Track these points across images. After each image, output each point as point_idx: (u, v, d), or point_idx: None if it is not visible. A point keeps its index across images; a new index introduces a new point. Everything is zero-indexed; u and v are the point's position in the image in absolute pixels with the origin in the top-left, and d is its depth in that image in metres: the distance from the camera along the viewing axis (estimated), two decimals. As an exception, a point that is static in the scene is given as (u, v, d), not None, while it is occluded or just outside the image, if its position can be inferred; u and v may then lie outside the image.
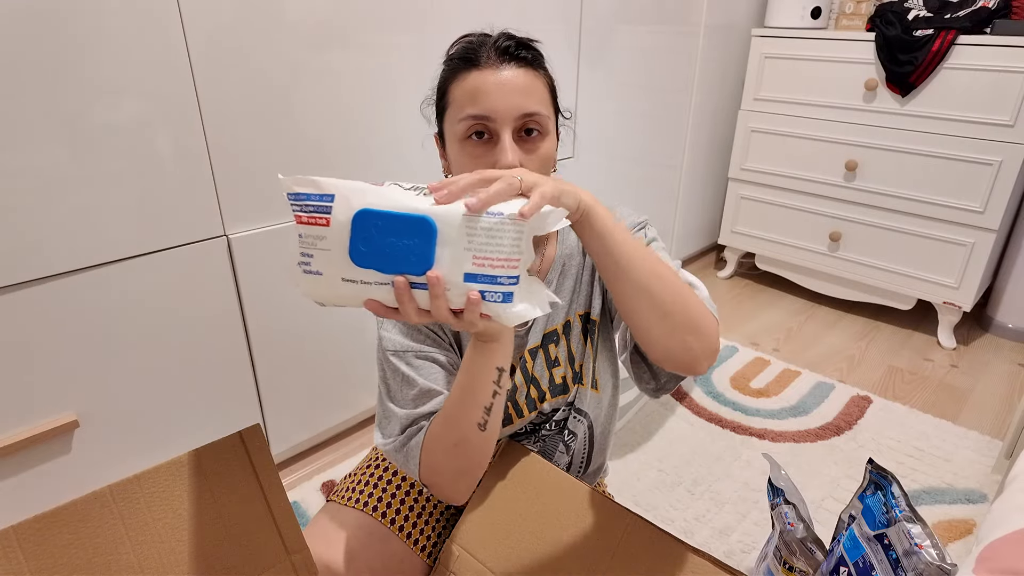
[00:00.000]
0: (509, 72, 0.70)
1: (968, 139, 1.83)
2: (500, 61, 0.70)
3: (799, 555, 0.93)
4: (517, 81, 0.70)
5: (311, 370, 1.38)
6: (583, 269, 0.86)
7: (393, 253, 0.55)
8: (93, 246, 1.02)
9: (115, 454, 1.14)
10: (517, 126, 0.70)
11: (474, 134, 0.70)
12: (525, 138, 0.71)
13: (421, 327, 0.78)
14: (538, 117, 0.71)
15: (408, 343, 0.77)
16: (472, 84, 0.70)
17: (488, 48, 0.71)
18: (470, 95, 0.70)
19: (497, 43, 0.71)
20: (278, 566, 0.68)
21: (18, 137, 0.91)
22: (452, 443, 0.70)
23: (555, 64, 0.76)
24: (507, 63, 0.70)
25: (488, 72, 0.70)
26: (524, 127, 0.71)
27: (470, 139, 0.71)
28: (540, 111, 0.71)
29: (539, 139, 0.72)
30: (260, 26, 1.10)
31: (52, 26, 0.90)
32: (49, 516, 0.58)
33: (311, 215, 0.59)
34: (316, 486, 1.40)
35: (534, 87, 0.71)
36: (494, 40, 0.72)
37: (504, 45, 0.71)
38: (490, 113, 0.69)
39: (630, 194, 2.14)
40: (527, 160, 0.70)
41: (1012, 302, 2.07)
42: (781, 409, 1.70)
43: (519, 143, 0.71)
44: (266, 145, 1.17)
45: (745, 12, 2.29)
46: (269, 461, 0.71)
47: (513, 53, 0.71)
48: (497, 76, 0.69)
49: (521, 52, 0.72)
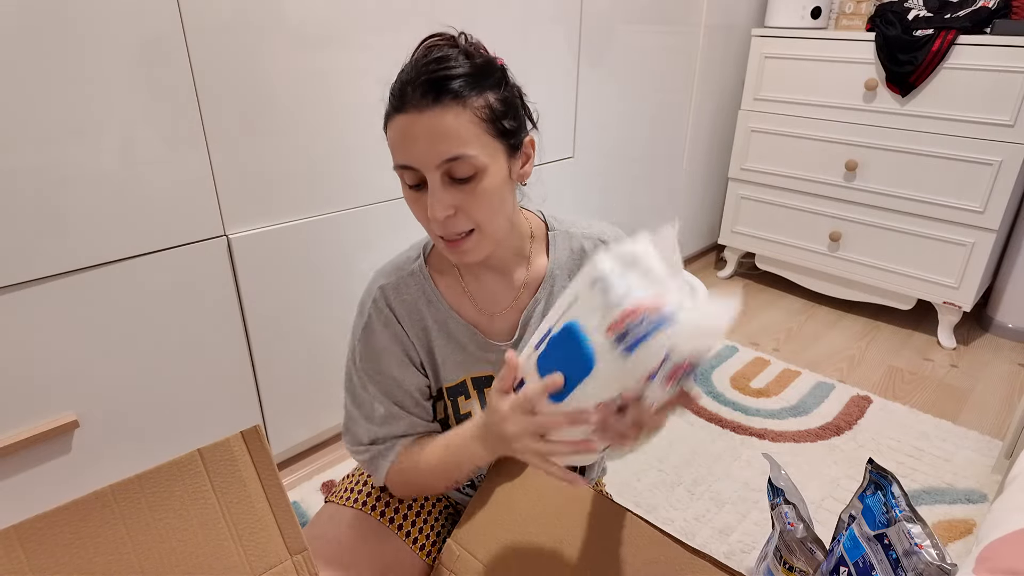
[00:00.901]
0: (429, 115, 0.64)
1: (968, 139, 1.83)
2: (423, 101, 0.64)
3: (799, 555, 0.93)
4: (437, 126, 0.64)
5: (311, 370, 1.38)
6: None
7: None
8: (93, 246, 1.02)
9: (115, 454, 1.14)
10: (444, 171, 0.66)
11: (407, 180, 0.69)
12: (458, 182, 0.67)
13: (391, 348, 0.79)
14: (465, 159, 0.65)
15: (379, 365, 0.79)
16: (396, 131, 0.67)
17: (412, 85, 0.65)
18: (395, 142, 0.67)
19: (423, 77, 0.65)
20: (279, 566, 0.68)
21: (18, 137, 0.91)
22: (421, 485, 0.80)
23: (555, 64, 0.75)
24: (429, 102, 0.64)
25: (410, 117, 0.65)
26: (451, 171, 0.66)
27: (406, 185, 0.70)
28: (466, 152, 0.65)
29: (475, 180, 0.67)
30: (261, 26, 1.10)
31: (52, 24, 0.90)
32: (50, 515, 0.58)
33: None
34: (316, 486, 1.40)
35: (458, 125, 0.64)
36: (420, 70, 0.65)
37: (428, 79, 0.64)
38: (412, 163, 0.66)
39: (630, 194, 2.14)
40: (464, 202, 0.67)
41: (1012, 302, 2.07)
42: (781, 409, 1.70)
43: (452, 186, 0.67)
44: (266, 145, 1.17)
45: (745, 12, 2.29)
46: (270, 461, 0.71)
47: (439, 87, 0.64)
48: (417, 122, 0.64)
49: (448, 85, 0.64)
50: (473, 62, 0.67)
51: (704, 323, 0.55)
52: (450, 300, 0.80)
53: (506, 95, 0.69)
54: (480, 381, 0.81)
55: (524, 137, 0.73)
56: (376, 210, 1.38)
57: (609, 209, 2.07)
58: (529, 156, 0.75)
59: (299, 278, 1.30)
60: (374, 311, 0.78)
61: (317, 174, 1.26)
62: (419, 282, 0.79)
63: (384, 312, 0.78)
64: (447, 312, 0.79)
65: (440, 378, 0.82)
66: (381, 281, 0.79)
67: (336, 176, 1.30)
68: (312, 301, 1.33)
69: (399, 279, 0.79)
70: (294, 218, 1.26)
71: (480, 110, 0.66)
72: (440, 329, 0.80)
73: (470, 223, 0.69)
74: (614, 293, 0.55)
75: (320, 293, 1.34)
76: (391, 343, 0.79)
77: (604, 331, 0.56)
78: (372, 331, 0.79)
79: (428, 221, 0.70)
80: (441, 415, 0.83)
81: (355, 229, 1.36)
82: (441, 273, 0.80)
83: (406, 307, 0.79)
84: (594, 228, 0.85)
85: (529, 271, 0.81)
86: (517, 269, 0.81)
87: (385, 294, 0.78)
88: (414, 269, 0.80)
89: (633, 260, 0.57)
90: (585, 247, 0.83)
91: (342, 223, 1.33)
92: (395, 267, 0.81)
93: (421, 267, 0.80)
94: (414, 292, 0.79)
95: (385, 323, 0.78)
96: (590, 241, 0.83)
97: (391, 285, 0.79)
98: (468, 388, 0.81)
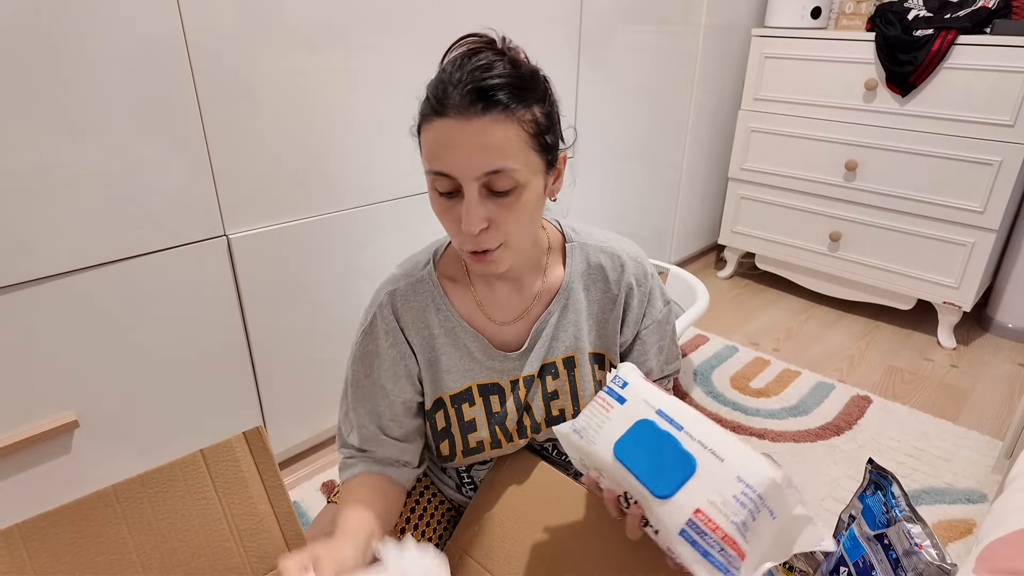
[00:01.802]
0: (475, 124, 0.61)
1: (968, 139, 1.83)
2: (469, 109, 0.61)
3: (799, 555, 0.94)
4: (483, 137, 0.61)
5: (311, 370, 1.38)
6: (592, 304, 0.82)
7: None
8: (93, 246, 1.02)
9: (115, 454, 1.14)
10: (483, 183, 0.64)
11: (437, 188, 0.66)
12: (494, 195, 0.65)
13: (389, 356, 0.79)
14: (507, 172, 0.63)
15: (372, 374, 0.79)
16: (435, 136, 0.63)
17: (458, 89, 0.61)
18: (432, 148, 0.64)
19: (470, 82, 0.61)
20: (280, 566, 0.68)
21: (18, 137, 0.91)
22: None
23: (555, 64, 0.73)
24: (475, 111, 0.61)
25: (452, 123, 0.62)
26: (492, 185, 0.64)
27: (437, 192, 0.67)
28: (508, 166, 0.63)
29: (514, 195, 0.65)
30: (261, 26, 1.10)
31: (51, 25, 0.90)
32: (53, 515, 0.58)
33: None
34: (316, 486, 1.40)
35: (504, 139, 0.62)
36: (468, 75, 0.62)
37: (477, 86, 0.61)
38: (450, 171, 0.63)
39: (630, 194, 2.14)
40: (498, 216, 0.65)
41: (1012, 302, 2.07)
42: (781, 409, 1.70)
43: (488, 199, 0.65)
44: (266, 145, 1.17)
45: (745, 12, 2.29)
46: (272, 462, 0.72)
47: (487, 96, 0.61)
48: (461, 130, 0.61)
49: (496, 95, 0.61)
50: (520, 72, 0.65)
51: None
52: (459, 308, 0.79)
53: (549, 109, 0.68)
54: (485, 388, 0.81)
55: (559, 153, 0.71)
56: (376, 210, 1.38)
57: (609, 209, 2.08)
58: (560, 172, 0.73)
59: (299, 278, 1.30)
60: (379, 316, 0.78)
61: (317, 174, 1.26)
62: (428, 289, 0.79)
63: (388, 319, 0.78)
64: (456, 320, 0.79)
65: (443, 386, 0.81)
66: (390, 287, 0.79)
67: (336, 176, 1.30)
68: (312, 301, 1.33)
69: (408, 285, 0.79)
70: (294, 218, 1.26)
71: (527, 124, 0.64)
72: (447, 336, 0.79)
73: (501, 237, 0.67)
74: (741, 513, 0.57)
75: (320, 293, 1.34)
76: (388, 350, 0.78)
77: (695, 509, 0.58)
78: (372, 336, 0.79)
79: (458, 232, 0.67)
80: (442, 424, 0.82)
81: (355, 229, 1.36)
82: (451, 280, 0.80)
83: (413, 314, 0.78)
84: (611, 242, 0.83)
85: (544, 282, 0.81)
86: (532, 280, 0.80)
87: (392, 300, 0.78)
88: (423, 276, 0.79)
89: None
90: (603, 263, 0.81)
91: (342, 223, 1.33)
92: (404, 273, 0.80)
93: (431, 273, 0.79)
94: (423, 299, 0.79)
95: (387, 331, 0.78)
96: (607, 256, 0.82)
97: (400, 291, 0.78)
98: (473, 395, 0.81)
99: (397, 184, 1.40)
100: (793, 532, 0.57)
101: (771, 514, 0.56)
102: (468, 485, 0.90)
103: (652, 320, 0.84)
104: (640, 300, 0.83)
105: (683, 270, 1.84)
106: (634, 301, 0.82)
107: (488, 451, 0.83)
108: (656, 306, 0.84)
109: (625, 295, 0.82)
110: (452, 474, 0.91)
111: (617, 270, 0.81)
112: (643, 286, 0.83)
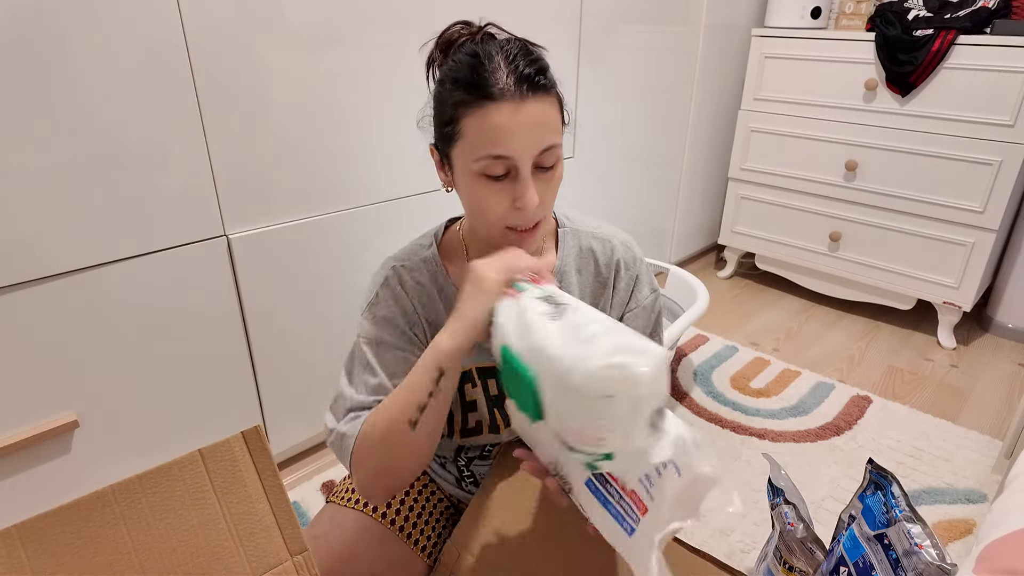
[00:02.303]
0: (530, 107, 0.65)
1: (968, 139, 1.83)
2: (520, 93, 0.64)
3: (799, 555, 0.93)
4: (538, 116, 0.65)
5: (311, 370, 1.38)
6: (584, 288, 0.83)
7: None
8: (93, 246, 1.02)
9: (115, 454, 1.14)
10: (536, 161, 0.67)
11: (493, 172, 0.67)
12: (543, 170, 0.69)
13: (397, 322, 0.77)
14: (555, 149, 0.68)
15: (382, 335, 0.76)
16: (492, 122, 0.64)
17: (503, 75, 0.64)
18: (489, 134, 0.65)
19: (514, 67, 0.65)
20: (280, 567, 0.68)
21: (18, 137, 0.91)
22: (381, 436, 0.68)
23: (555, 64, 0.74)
24: (527, 95, 0.64)
25: (507, 107, 0.64)
26: (542, 161, 0.68)
27: (486, 176, 0.67)
28: (556, 142, 0.68)
29: (554, 170, 0.70)
30: (260, 26, 1.10)
31: (51, 25, 0.90)
32: (51, 515, 0.58)
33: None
34: (316, 486, 1.40)
35: (551, 116, 0.67)
36: (508, 61, 0.65)
37: (524, 73, 0.65)
38: (511, 154, 0.65)
39: (630, 194, 2.14)
40: (543, 192, 0.69)
41: (1012, 302, 2.07)
42: (781, 409, 1.70)
43: (538, 175, 0.68)
44: (266, 145, 1.17)
45: (745, 12, 2.29)
46: (271, 462, 0.71)
47: (534, 81, 0.65)
48: (519, 114, 0.64)
49: (540, 80, 0.66)
50: (541, 55, 0.70)
51: (626, 558, 0.56)
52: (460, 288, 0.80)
53: (561, 94, 0.72)
54: (485, 372, 0.81)
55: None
56: (376, 210, 1.38)
57: (609, 209, 2.07)
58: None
59: (299, 278, 1.30)
60: (383, 288, 0.78)
61: (317, 174, 1.26)
62: (432, 268, 0.80)
63: (396, 289, 0.78)
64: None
65: None
66: (395, 263, 0.80)
67: (336, 176, 1.30)
68: (312, 301, 1.33)
69: (412, 263, 0.80)
70: (294, 218, 1.26)
71: (560, 102, 0.70)
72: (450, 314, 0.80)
73: (543, 213, 0.71)
74: (643, 469, 0.55)
75: (320, 293, 1.34)
76: (398, 315, 0.78)
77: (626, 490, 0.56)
78: (380, 303, 0.78)
79: (506, 211, 0.69)
80: None
81: (355, 229, 1.36)
82: (452, 262, 0.81)
83: (418, 289, 0.79)
84: (603, 229, 0.85)
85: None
86: None
87: (398, 273, 0.79)
88: (427, 256, 0.80)
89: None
90: (594, 247, 0.83)
91: (342, 223, 1.33)
92: (409, 252, 0.81)
93: (435, 255, 0.80)
94: (427, 277, 0.80)
95: (395, 298, 0.78)
96: (599, 241, 0.83)
97: (405, 267, 0.79)
98: (474, 377, 0.81)
99: (398, 184, 1.40)
100: (700, 492, 0.55)
101: (677, 471, 0.54)
102: (468, 479, 0.91)
103: (638, 304, 0.84)
104: (627, 282, 0.84)
105: (683, 270, 1.84)
106: (621, 283, 0.83)
107: (486, 434, 0.84)
108: (643, 291, 0.85)
109: (613, 277, 0.83)
110: (452, 469, 0.91)
111: (607, 253, 0.83)
112: (631, 269, 0.84)
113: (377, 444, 0.69)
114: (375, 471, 0.70)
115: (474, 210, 0.72)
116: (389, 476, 0.71)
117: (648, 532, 0.54)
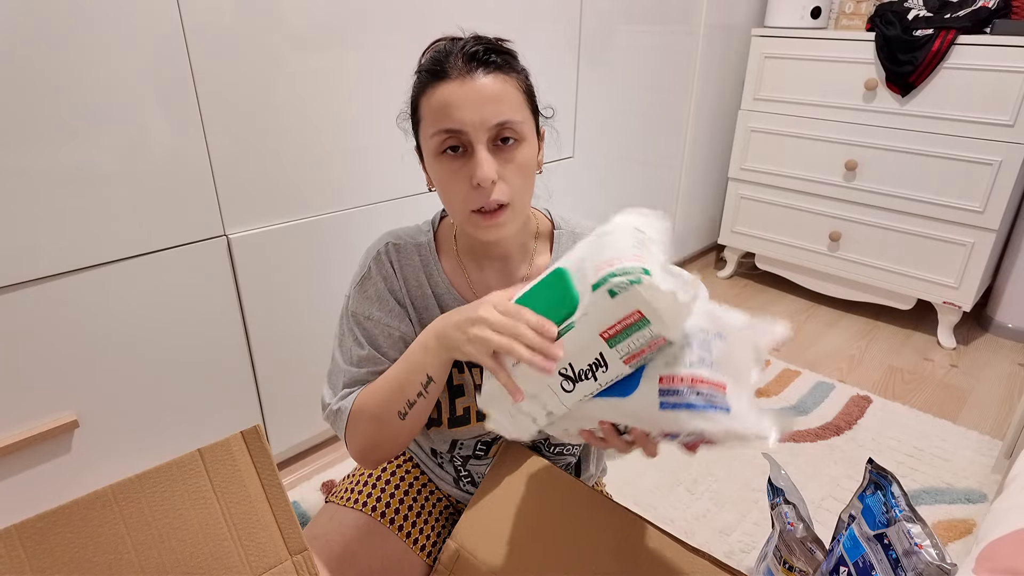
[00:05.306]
0: (479, 81, 0.67)
1: (968, 139, 1.83)
2: (469, 69, 0.67)
3: (799, 555, 0.94)
4: (487, 89, 0.67)
5: (311, 370, 1.38)
6: None
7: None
8: (93, 246, 1.02)
9: (115, 454, 1.14)
10: (491, 136, 0.68)
11: (448, 148, 0.69)
12: (501, 147, 0.69)
13: (385, 298, 0.78)
14: (512, 124, 0.68)
15: (370, 309, 0.78)
16: (441, 97, 0.67)
17: (455, 56, 0.68)
18: (440, 109, 0.68)
19: (465, 49, 0.68)
20: (279, 566, 0.68)
21: (18, 137, 0.91)
22: (372, 416, 0.74)
23: (555, 64, 0.75)
24: (476, 70, 0.67)
25: (456, 83, 0.67)
26: (499, 136, 0.69)
27: (445, 154, 0.69)
28: (513, 118, 0.68)
29: (515, 147, 0.70)
30: (260, 26, 1.10)
31: (52, 25, 0.90)
32: (51, 515, 0.58)
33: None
34: (316, 486, 1.40)
35: (506, 93, 0.68)
36: (461, 46, 0.69)
37: (471, 51, 0.68)
38: (461, 126, 0.67)
39: (630, 194, 2.14)
40: (504, 170, 0.69)
41: (1012, 302, 2.07)
42: (781, 409, 1.70)
43: (495, 152, 0.69)
44: (266, 145, 1.17)
45: (745, 12, 2.29)
46: (270, 461, 0.71)
47: (482, 59, 0.68)
48: (466, 87, 0.67)
49: (491, 57, 0.68)
50: (502, 43, 0.72)
51: (743, 432, 0.55)
52: (451, 278, 0.81)
53: (530, 82, 0.74)
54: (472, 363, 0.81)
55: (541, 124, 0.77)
56: (376, 210, 1.38)
57: (609, 209, 2.07)
58: (541, 146, 0.78)
59: (299, 278, 1.30)
60: (375, 263, 0.79)
61: (317, 174, 1.26)
62: (424, 254, 0.81)
63: (386, 266, 0.79)
64: (447, 287, 0.80)
65: None
66: (389, 239, 0.80)
67: (336, 176, 1.30)
68: (312, 301, 1.33)
69: (406, 245, 0.81)
70: (294, 218, 1.26)
71: (521, 81, 0.71)
72: (438, 302, 0.81)
73: (507, 194, 0.70)
74: (693, 354, 0.56)
75: (320, 293, 1.34)
76: (386, 293, 0.79)
77: (658, 379, 0.56)
78: (370, 278, 0.79)
79: (467, 192, 0.69)
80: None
81: (355, 229, 1.36)
82: (445, 254, 0.82)
83: (409, 270, 0.80)
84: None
85: (531, 268, 0.82)
86: (519, 264, 0.82)
87: (390, 251, 0.80)
88: (422, 242, 0.81)
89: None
90: None
91: (342, 223, 1.33)
92: (405, 233, 0.82)
93: (430, 242, 0.81)
94: (418, 262, 0.80)
95: (384, 276, 0.79)
96: None
97: (399, 246, 0.80)
98: (462, 363, 0.81)
99: (397, 184, 1.40)
100: (747, 339, 0.57)
101: (720, 336, 0.57)
102: (466, 479, 0.91)
103: None
104: None
105: (683, 270, 1.84)
106: None
107: (474, 423, 0.83)
108: None
109: None
110: (449, 468, 0.91)
111: None
112: None
113: (367, 424, 0.75)
114: (365, 447, 0.77)
115: (443, 198, 0.74)
116: (379, 451, 0.77)
117: (740, 398, 0.56)
